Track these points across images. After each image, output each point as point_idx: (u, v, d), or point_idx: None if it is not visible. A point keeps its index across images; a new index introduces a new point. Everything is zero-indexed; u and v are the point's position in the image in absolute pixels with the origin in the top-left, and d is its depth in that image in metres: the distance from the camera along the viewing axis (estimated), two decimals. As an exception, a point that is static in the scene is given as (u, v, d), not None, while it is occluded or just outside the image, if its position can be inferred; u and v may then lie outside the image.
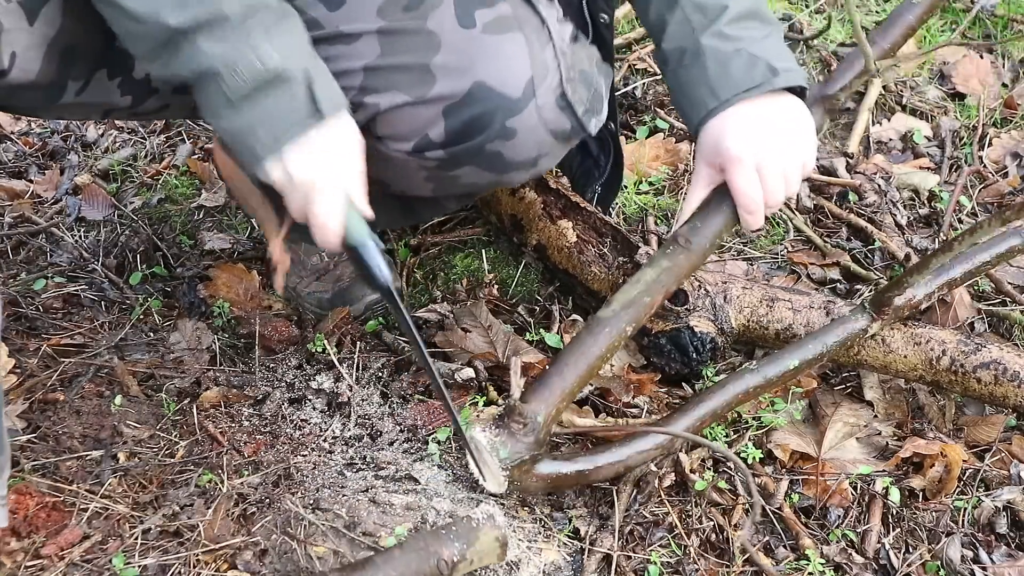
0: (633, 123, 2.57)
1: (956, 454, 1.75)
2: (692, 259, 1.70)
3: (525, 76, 1.46)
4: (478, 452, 1.54)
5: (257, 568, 1.58)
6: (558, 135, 1.54)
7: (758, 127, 1.62)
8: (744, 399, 1.73)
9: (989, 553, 1.67)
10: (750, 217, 1.67)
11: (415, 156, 1.52)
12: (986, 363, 1.76)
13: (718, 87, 1.62)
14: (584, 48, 1.59)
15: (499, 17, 1.47)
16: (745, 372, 1.72)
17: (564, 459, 1.61)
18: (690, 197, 1.73)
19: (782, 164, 1.64)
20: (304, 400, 1.86)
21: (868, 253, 2.25)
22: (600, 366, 1.62)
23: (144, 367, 1.93)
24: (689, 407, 1.69)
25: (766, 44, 1.64)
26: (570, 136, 1.56)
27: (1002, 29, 2.90)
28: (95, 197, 2.37)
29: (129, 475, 1.72)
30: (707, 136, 1.66)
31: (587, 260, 1.98)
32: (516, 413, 1.51)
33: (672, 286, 1.69)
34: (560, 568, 1.61)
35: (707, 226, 1.69)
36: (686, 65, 1.64)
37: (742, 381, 1.71)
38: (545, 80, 1.48)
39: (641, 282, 1.67)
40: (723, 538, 1.68)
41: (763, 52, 1.62)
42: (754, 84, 1.61)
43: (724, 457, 1.61)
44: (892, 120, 2.61)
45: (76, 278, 2.16)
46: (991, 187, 2.44)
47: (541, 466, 1.56)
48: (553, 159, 1.62)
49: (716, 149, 1.65)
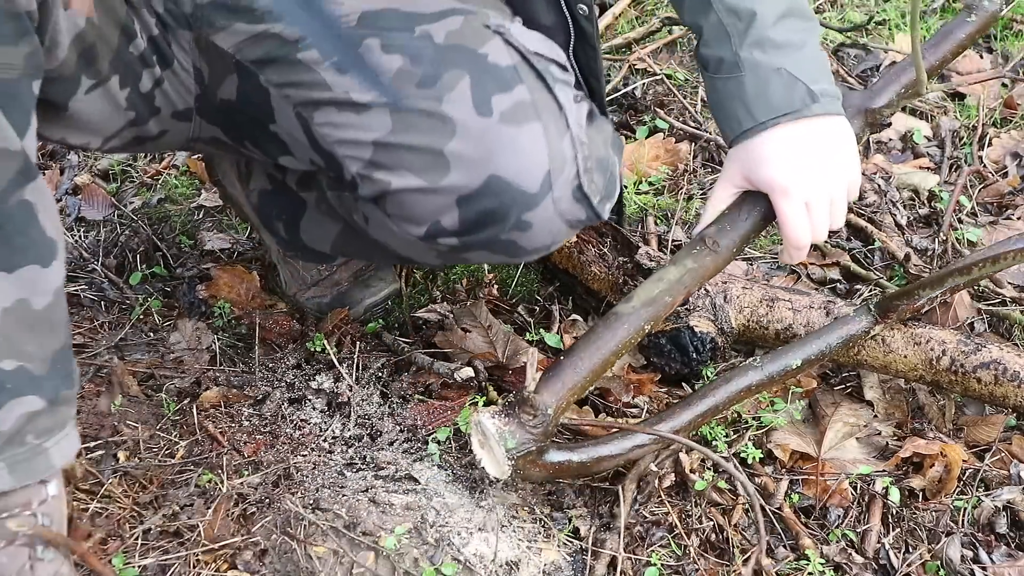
0: (633, 123, 2.57)
1: (956, 454, 1.75)
2: (717, 261, 1.68)
3: (543, 170, 1.42)
4: (484, 438, 1.53)
5: (257, 568, 1.59)
6: (573, 224, 1.52)
7: (802, 155, 1.60)
8: (746, 395, 1.72)
9: (989, 553, 1.67)
10: (796, 252, 1.66)
11: (427, 241, 1.50)
12: (986, 363, 1.76)
13: (755, 108, 1.59)
14: (600, 130, 1.54)
15: (517, 104, 1.42)
16: (748, 368, 1.72)
17: (568, 449, 1.61)
18: (714, 199, 1.71)
19: (829, 195, 1.62)
20: (304, 400, 1.86)
21: (868, 253, 2.25)
22: (614, 361, 1.61)
23: (144, 367, 1.93)
24: (692, 401, 1.68)
25: (805, 56, 1.60)
26: (585, 223, 1.54)
27: (1002, 29, 2.91)
28: (95, 197, 2.37)
29: (129, 475, 1.72)
30: (743, 152, 1.64)
31: (587, 260, 1.98)
32: (528, 404, 1.50)
33: (694, 287, 1.67)
34: (560, 568, 1.62)
35: (736, 230, 1.67)
36: (723, 77, 1.62)
37: (745, 377, 1.71)
38: (562, 173, 1.44)
39: (664, 280, 1.65)
40: (723, 538, 1.68)
41: (802, 71, 1.59)
42: (792, 109, 1.58)
43: (717, 465, 1.60)
44: (892, 120, 2.61)
45: (76, 278, 2.16)
46: (991, 187, 2.44)
47: (548, 456, 1.56)
48: (566, 238, 1.60)
49: (755, 171, 1.63)
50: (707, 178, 2.41)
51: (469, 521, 1.62)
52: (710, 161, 2.45)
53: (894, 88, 1.85)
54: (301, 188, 1.79)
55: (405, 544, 1.58)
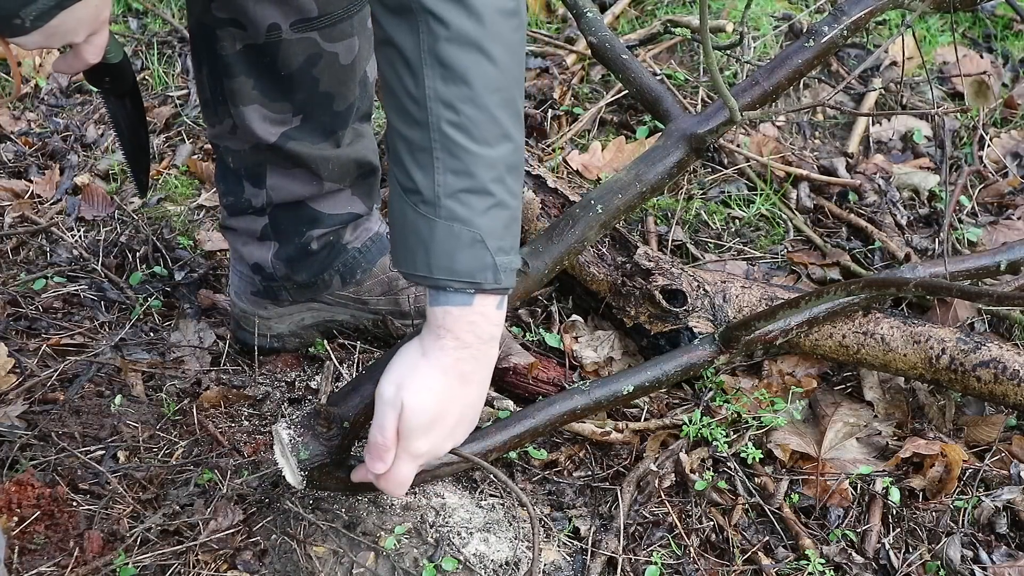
0: (633, 123, 2.57)
1: (956, 454, 1.75)
2: (527, 284, 1.64)
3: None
4: (281, 447, 1.51)
5: (257, 568, 1.59)
6: None
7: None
8: (570, 419, 1.67)
9: (989, 553, 1.67)
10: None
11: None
12: (985, 362, 1.76)
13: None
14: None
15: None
16: (575, 392, 1.67)
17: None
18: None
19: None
20: (304, 400, 1.86)
21: (868, 253, 2.25)
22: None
23: (144, 367, 1.93)
24: (509, 423, 1.63)
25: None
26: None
27: (1002, 29, 2.90)
28: (95, 197, 2.37)
29: (129, 475, 1.72)
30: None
31: (586, 261, 1.98)
32: (322, 416, 1.49)
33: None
34: (560, 568, 1.62)
35: (547, 252, 1.65)
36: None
37: (570, 401, 1.66)
38: None
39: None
40: (723, 538, 1.68)
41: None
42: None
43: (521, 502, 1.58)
44: (892, 120, 2.61)
45: (76, 278, 2.16)
46: (991, 187, 2.44)
47: (344, 470, 1.53)
48: None
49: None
50: (707, 178, 2.41)
51: (469, 521, 1.62)
52: (710, 161, 2.45)
53: (716, 120, 1.77)
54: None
55: (405, 544, 1.58)
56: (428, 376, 1.35)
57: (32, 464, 1.72)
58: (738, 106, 1.72)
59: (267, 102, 1.70)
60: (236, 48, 1.65)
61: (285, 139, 1.73)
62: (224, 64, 1.67)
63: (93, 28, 1.43)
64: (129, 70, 1.67)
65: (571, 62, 2.69)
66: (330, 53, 1.67)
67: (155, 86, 2.72)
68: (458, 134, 1.27)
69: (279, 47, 1.64)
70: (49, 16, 1.33)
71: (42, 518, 1.62)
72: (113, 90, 1.70)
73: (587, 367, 1.94)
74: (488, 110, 1.28)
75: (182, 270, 2.19)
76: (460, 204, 1.29)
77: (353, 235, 1.88)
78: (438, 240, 1.29)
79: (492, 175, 1.30)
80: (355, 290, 1.92)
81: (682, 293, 1.88)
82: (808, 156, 2.48)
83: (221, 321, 2.05)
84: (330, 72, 1.69)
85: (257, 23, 1.62)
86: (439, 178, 1.28)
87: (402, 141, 1.30)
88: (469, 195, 1.29)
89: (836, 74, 2.70)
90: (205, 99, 1.76)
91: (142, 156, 1.84)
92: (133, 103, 1.74)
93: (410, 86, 1.27)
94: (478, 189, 1.29)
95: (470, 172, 1.28)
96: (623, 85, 2.03)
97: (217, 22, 1.64)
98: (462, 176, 1.28)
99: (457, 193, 1.28)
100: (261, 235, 1.85)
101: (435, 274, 1.31)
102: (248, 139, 1.73)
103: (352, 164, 1.80)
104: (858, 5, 1.81)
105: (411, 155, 1.29)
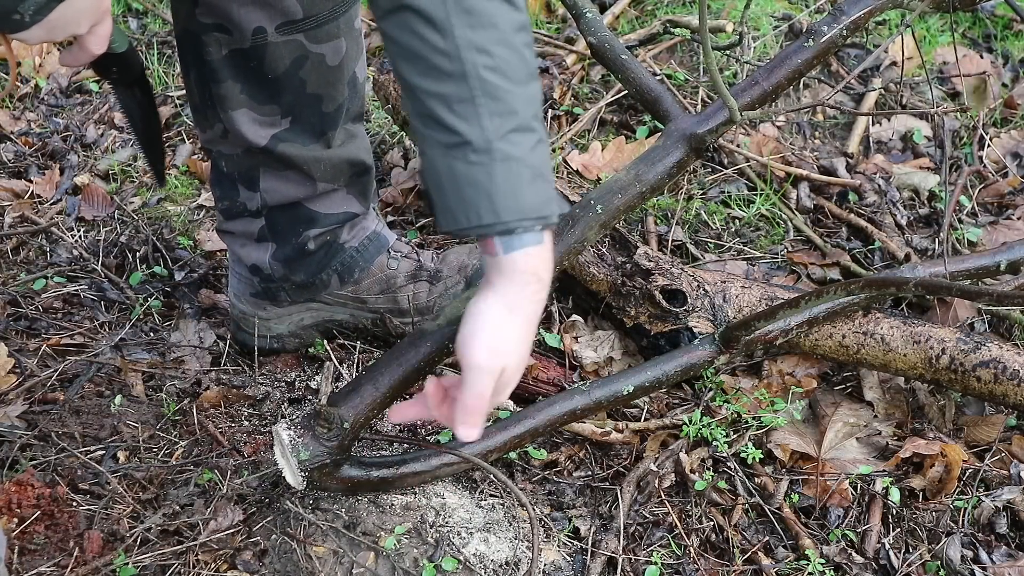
0: (633, 123, 2.57)
1: (956, 454, 1.75)
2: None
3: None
4: (281, 448, 1.52)
5: (257, 568, 1.59)
6: None
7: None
8: (570, 419, 1.69)
9: (989, 553, 1.67)
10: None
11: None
12: (985, 362, 1.76)
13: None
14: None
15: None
16: (575, 392, 1.68)
17: (368, 465, 1.60)
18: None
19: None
20: (304, 400, 1.86)
21: (868, 253, 2.25)
22: (417, 378, 1.57)
23: (144, 367, 1.93)
24: (509, 423, 1.64)
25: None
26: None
27: (1002, 29, 2.90)
28: (95, 197, 2.37)
29: (129, 475, 1.72)
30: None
31: (586, 261, 1.98)
32: (322, 417, 1.49)
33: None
34: (560, 568, 1.62)
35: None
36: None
37: (570, 401, 1.67)
38: None
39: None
40: (723, 538, 1.68)
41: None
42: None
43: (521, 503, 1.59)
44: (892, 120, 2.61)
45: (76, 278, 2.16)
46: (991, 187, 2.44)
47: (344, 471, 1.55)
48: None
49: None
50: (707, 178, 2.41)
51: (469, 521, 1.62)
52: (710, 161, 2.44)
53: (716, 120, 1.78)
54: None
55: (405, 544, 1.58)
56: (521, 330, 1.38)
57: (32, 464, 1.72)
58: (738, 106, 1.72)
59: (255, 105, 1.70)
60: (222, 53, 1.66)
61: (276, 142, 1.73)
62: (211, 69, 1.68)
63: (95, 18, 1.43)
64: (136, 59, 1.67)
65: (571, 62, 2.69)
66: (316, 55, 1.67)
67: (155, 86, 2.72)
68: (496, 77, 1.29)
69: (265, 50, 1.65)
70: (48, 9, 1.33)
71: (42, 518, 1.62)
72: (121, 80, 1.69)
73: (587, 367, 1.94)
74: (517, 49, 1.32)
75: (182, 270, 2.19)
76: (511, 144, 1.31)
77: (350, 234, 1.89)
78: (499, 183, 1.31)
79: (531, 111, 1.33)
80: (353, 289, 1.92)
81: (682, 293, 1.88)
82: (808, 156, 2.48)
83: (221, 321, 2.06)
84: (317, 74, 1.69)
85: (242, 27, 1.63)
86: (486, 123, 1.30)
87: (435, 99, 1.31)
88: (517, 134, 1.32)
89: (836, 74, 2.70)
90: (195, 105, 1.76)
91: (157, 145, 1.84)
92: (143, 91, 1.73)
93: (437, 42, 1.28)
94: (524, 127, 1.32)
95: (514, 111, 1.31)
96: (623, 85, 2.04)
97: (202, 28, 1.65)
98: (508, 117, 1.31)
99: (507, 134, 1.31)
100: (258, 237, 1.85)
101: (504, 217, 1.32)
102: (239, 143, 1.74)
103: (345, 164, 1.81)
104: (857, 5, 1.81)
105: (449, 109, 1.31)
